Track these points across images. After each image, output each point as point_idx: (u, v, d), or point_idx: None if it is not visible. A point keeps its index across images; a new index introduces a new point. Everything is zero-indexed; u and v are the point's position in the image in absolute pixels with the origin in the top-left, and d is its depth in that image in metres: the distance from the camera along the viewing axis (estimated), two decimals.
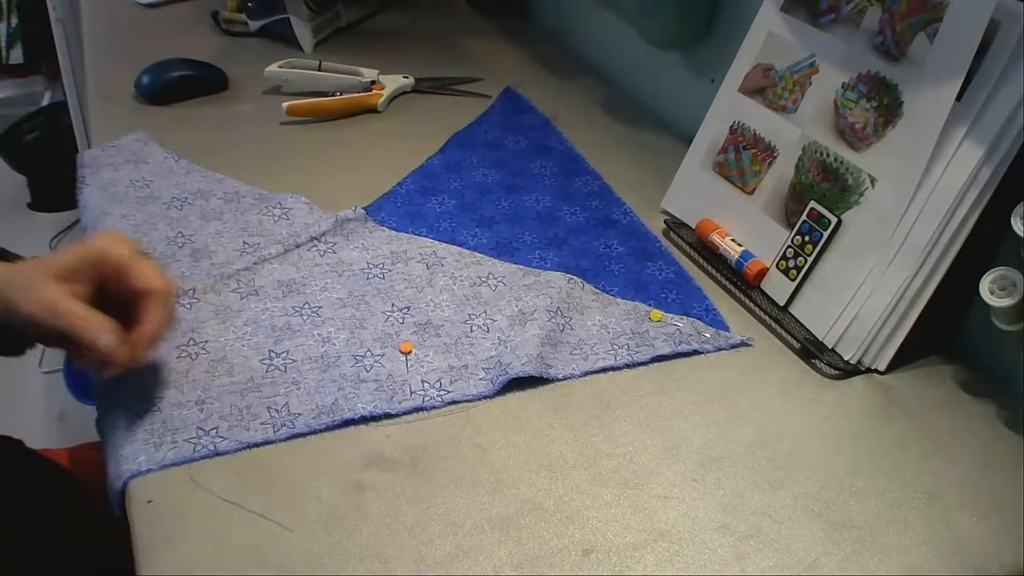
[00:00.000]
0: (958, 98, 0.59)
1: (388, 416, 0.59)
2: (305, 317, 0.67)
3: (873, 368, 0.65)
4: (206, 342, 0.63)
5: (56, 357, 1.64)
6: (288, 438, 0.57)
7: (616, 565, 0.50)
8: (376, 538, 0.51)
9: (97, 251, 0.57)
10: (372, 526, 0.51)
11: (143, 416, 0.57)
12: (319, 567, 0.49)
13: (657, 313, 0.69)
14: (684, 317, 0.69)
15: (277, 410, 0.58)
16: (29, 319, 0.54)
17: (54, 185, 2.12)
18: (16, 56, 2.48)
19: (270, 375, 0.61)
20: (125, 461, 0.54)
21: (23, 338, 0.60)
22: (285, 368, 0.62)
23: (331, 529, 0.51)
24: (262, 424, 0.57)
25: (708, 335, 0.67)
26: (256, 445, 0.56)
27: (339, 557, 0.49)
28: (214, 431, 0.56)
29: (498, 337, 0.65)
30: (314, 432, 0.57)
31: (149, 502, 0.52)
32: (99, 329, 0.54)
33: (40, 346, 0.61)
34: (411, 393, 0.60)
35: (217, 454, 0.55)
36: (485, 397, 0.61)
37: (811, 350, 0.66)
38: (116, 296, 0.57)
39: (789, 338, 0.68)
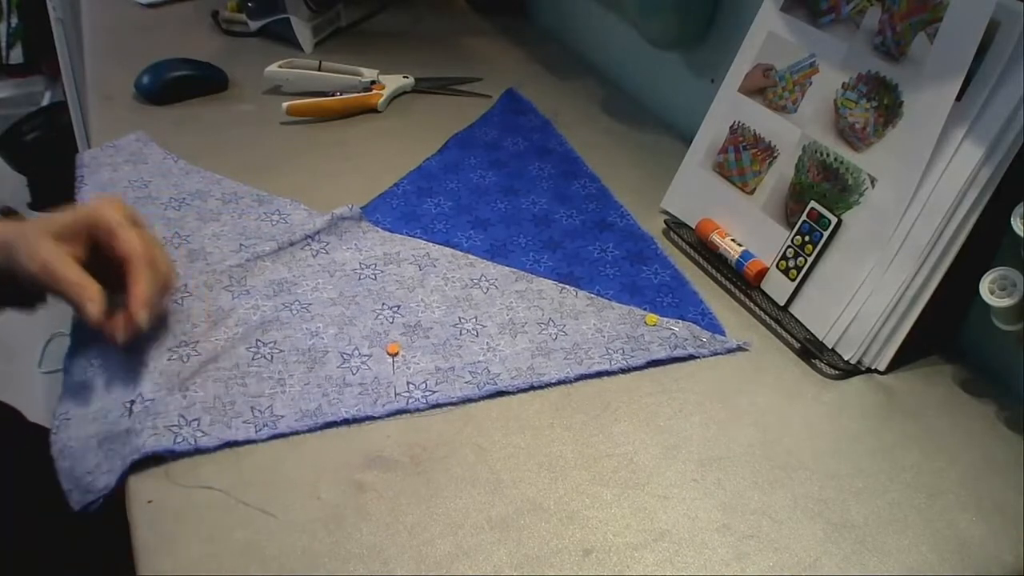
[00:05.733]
0: (958, 98, 0.59)
1: (370, 419, 0.59)
2: (295, 311, 0.67)
3: (873, 368, 0.65)
4: (197, 343, 0.63)
5: (56, 357, 1.64)
6: (269, 438, 0.56)
7: (616, 565, 0.50)
8: (376, 538, 0.51)
9: (90, 215, 0.59)
10: (372, 526, 0.51)
11: (125, 405, 0.57)
12: (319, 567, 0.49)
13: (652, 317, 0.69)
14: (680, 321, 0.69)
15: (261, 411, 0.58)
16: (30, 277, 0.58)
17: (54, 185, 2.12)
18: (16, 56, 2.49)
19: (256, 363, 0.61)
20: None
21: (31, 293, 0.62)
22: (271, 358, 0.62)
23: (331, 529, 0.51)
24: (244, 423, 0.57)
25: (704, 339, 0.67)
26: (237, 444, 0.56)
27: (339, 557, 0.49)
28: (195, 423, 0.56)
29: (487, 343, 0.65)
30: (296, 433, 0.57)
31: (149, 502, 0.52)
32: (87, 297, 0.57)
33: (41, 345, 0.62)
34: (395, 395, 0.60)
35: (198, 450, 0.55)
36: (469, 400, 0.61)
37: (811, 350, 0.66)
38: (110, 258, 0.60)
39: (789, 338, 0.68)
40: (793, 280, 0.69)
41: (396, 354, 0.64)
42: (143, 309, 0.58)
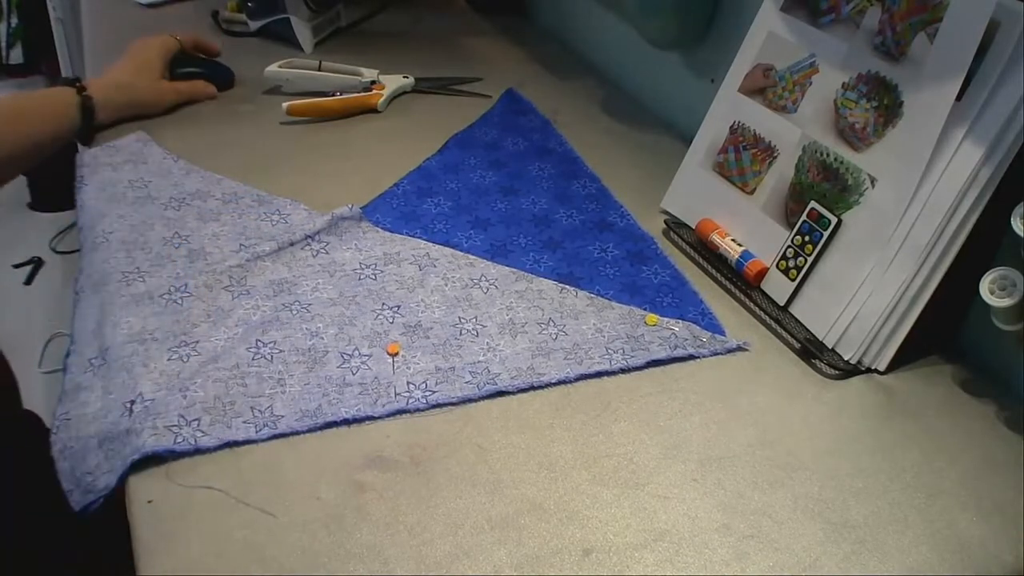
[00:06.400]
0: (958, 98, 0.59)
1: (370, 419, 0.59)
2: (295, 312, 0.67)
3: (873, 368, 0.65)
4: (197, 343, 0.63)
5: (56, 357, 1.64)
6: (269, 438, 0.56)
7: (616, 565, 0.50)
8: (376, 538, 0.51)
9: (169, 48, 0.98)
10: (372, 526, 0.51)
11: (125, 405, 0.57)
12: (319, 567, 0.49)
13: (652, 317, 0.69)
14: (680, 321, 0.69)
15: (261, 411, 0.58)
16: (158, 107, 0.94)
17: (54, 185, 2.12)
18: (16, 56, 2.49)
19: (256, 363, 0.61)
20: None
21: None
22: (271, 358, 0.62)
23: (331, 529, 0.51)
24: (244, 423, 0.57)
25: (704, 339, 0.67)
26: (237, 444, 0.56)
27: (339, 557, 0.49)
28: (196, 423, 0.56)
29: (487, 343, 0.65)
30: (296, 433, 0.57)
31: (149, 502, 0.52)
32: (211, 91, 1.00)
33: (41, 345, 0.63)
34: (395, 395, 0.60)
35: (198, 450, 0.55)
36: (469, 400, 0.61)
37: (811, 350, 0.66)
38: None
39: (789, 338, 0.68)
40: (793, 280, 0.69)
41: (396, 354, 0.64)
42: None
